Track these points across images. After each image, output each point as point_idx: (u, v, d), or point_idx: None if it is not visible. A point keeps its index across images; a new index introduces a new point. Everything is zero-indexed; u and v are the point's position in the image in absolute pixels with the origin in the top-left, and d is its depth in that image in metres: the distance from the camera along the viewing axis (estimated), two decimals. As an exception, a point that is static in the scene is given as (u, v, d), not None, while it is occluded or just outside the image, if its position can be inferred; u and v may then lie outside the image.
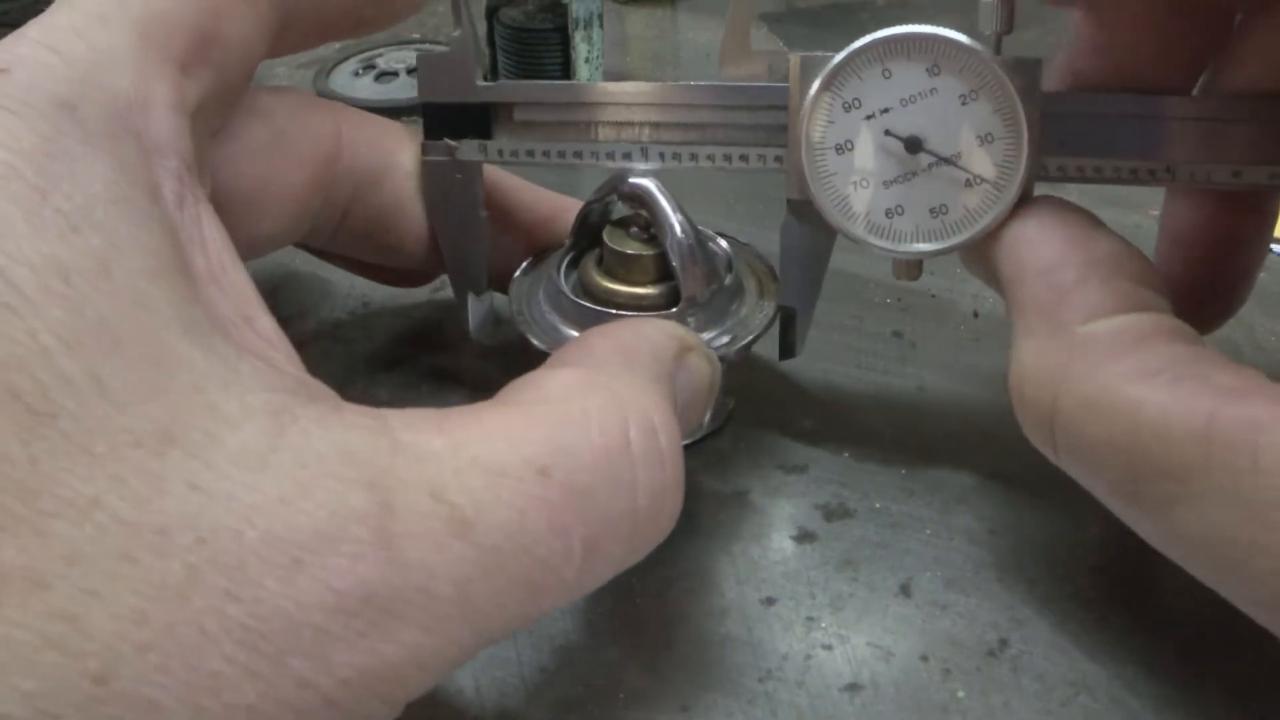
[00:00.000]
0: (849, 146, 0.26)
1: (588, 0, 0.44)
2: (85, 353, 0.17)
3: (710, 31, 0.54)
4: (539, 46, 0.45)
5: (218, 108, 0.23)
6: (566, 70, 0.45)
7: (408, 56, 0.50)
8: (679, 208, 0.28)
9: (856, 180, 0.26)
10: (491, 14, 0.46)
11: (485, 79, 0.28)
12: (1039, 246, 0.24)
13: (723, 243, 0.31)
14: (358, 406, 0.19)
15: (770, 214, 0.40)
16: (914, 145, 0.25)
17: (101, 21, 0.20)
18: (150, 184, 0.19)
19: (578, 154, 0.28)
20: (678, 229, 0.28)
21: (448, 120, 0.28)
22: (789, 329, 0.29)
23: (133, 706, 0.16)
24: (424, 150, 0.29)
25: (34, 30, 0.20)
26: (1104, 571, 0.26)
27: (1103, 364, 0.21)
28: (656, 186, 0.28)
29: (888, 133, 0.25)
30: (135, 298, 0.18)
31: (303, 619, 0.17)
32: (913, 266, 0.27)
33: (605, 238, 0.29)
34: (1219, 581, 0.20)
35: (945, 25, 0.25)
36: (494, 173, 0.30)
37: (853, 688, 0.24)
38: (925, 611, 0.25)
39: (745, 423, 0.31)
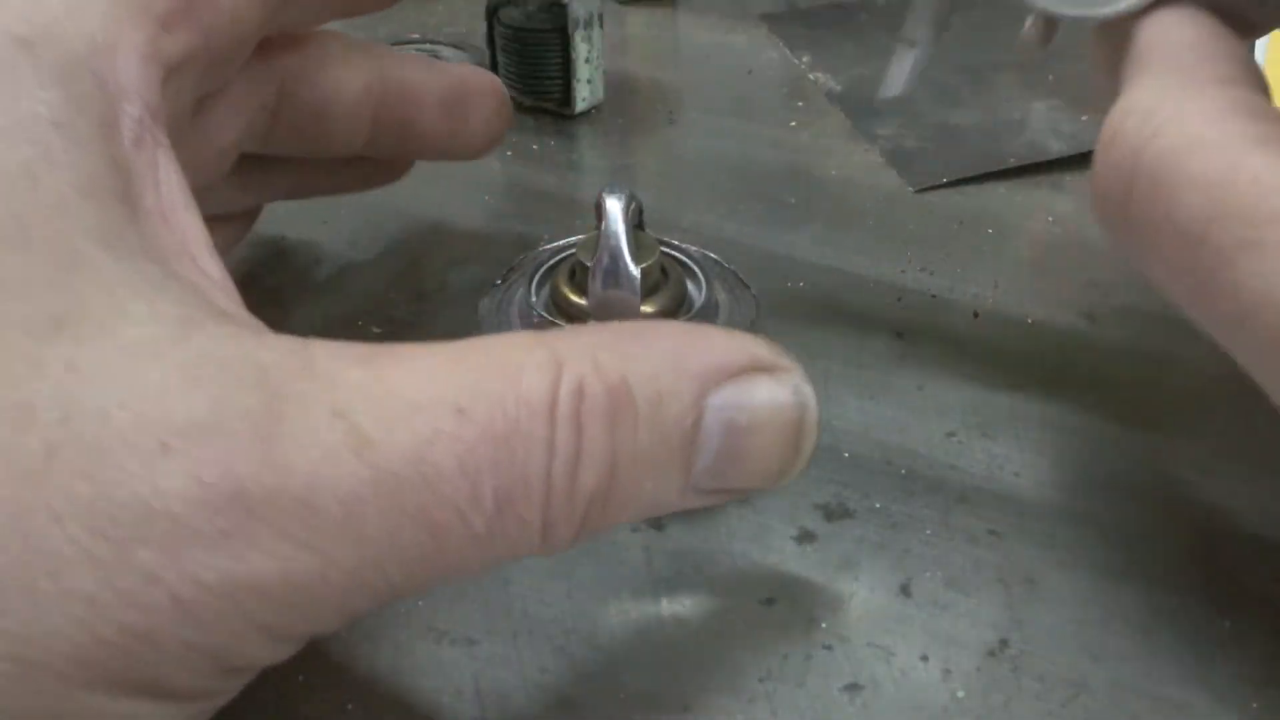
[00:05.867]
0: None
1: (588, 0, 0.44)
2: None
3: (710, 31, 0.54)
4: (539, 46, 0.45)
5: (207, 70, 0.24)
6: (566, 70, 0.45)
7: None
8: (628, 233, 0.26)
9: None
10: (491, 14, 0.46)
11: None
12: (1185, 26, 0.24)
13: (694, 262, 0.30)
14: (286, 336, 0.18)
15: (772, 214, 0.40)
16: None
17: None
18: (104, 120, 0.20)
19: None
20: (605, 256, 0.26)
21: None
22: (901, 65, 0.29)
23: None
24: None
25: None
26: (1104, 571, 0.26)
27: (1225, 115, 0.21)
28: (621, 206, 0.27)
29: None
30: (58, 207, 0.18)
31: (159, 507, 0.16)
32: (1047, 29, 0.27)
33: (578, 253, 0.28)
34: (1264, 348, 0.20)
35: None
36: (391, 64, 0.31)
37: (853, 688, 0.24)
38: (925, 611, 0.25)
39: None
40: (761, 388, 0.20)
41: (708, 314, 0.29)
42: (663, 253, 0.29)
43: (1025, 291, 0.36)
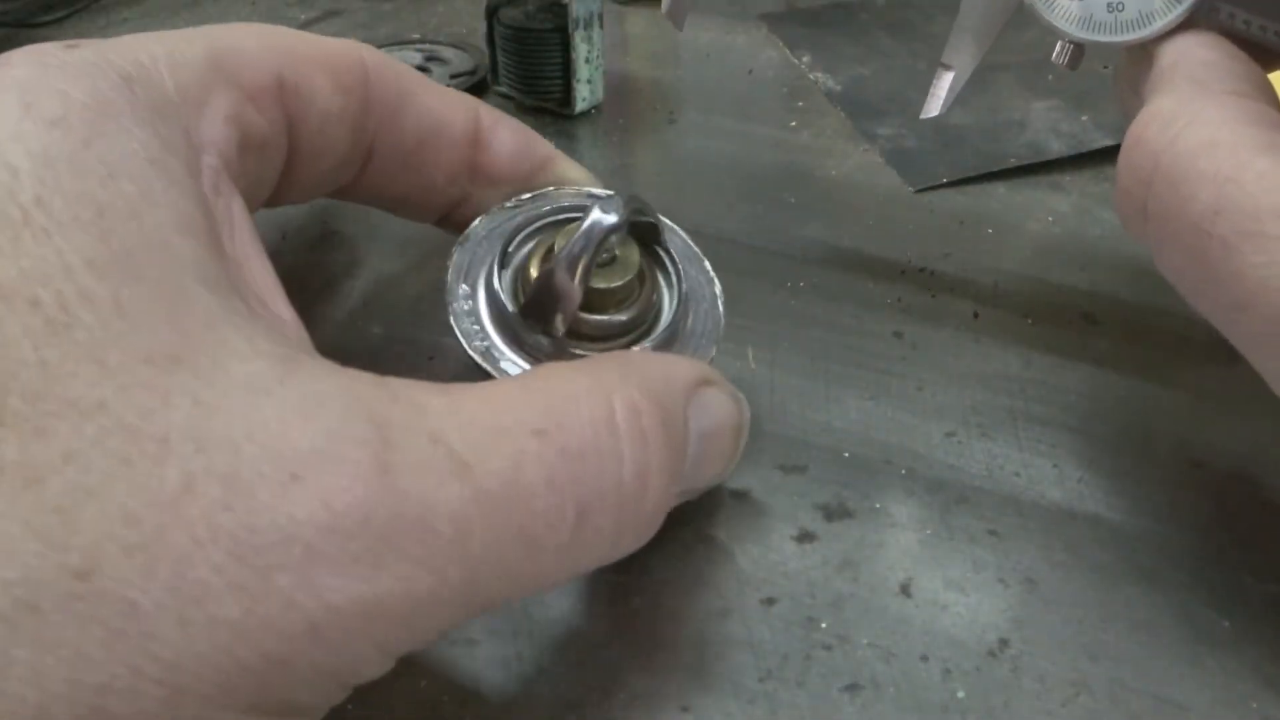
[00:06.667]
0: None
1: (588, 0, 0.44)
2: (107, 276, 0.17)
3: (710, 31, 0.54)
4: (539, 46, 0.45)
5: (282, 155, 0.25)
6: (566, 70, 0.45)
7: (409, 57, 0.50)
8: (590, 256, 0.25)
9: None
10: (491, 14, 0.46)
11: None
12: (1204, 48, 0.26)
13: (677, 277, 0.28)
14: (364, 371, 0.19)
15: (770, 214, 0.40)
16: None
17: (181, 40, 0.23)
18: (189, 162, 0.21)
19: None
20: (556, 275, 0.25)
21: None
22: (939, 87, 0.31)
23: (112, 606, 0.15)
24: None
25: (120, 38, 0.22)
26: (1104, 571, 0.26)
27: (1236, 122, 0.23)
28: (600, 227, 0.25)
29: None
30: (160, 243, 0.18)
31: (295, 534, 0.16)
32: (1075, 54, 0.29)
33: (557, 239, 0.27)
34: (1262, 332, 0.21)
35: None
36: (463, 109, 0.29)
37: (853, 688, 0.24)
38: (925, 611, 0.25)
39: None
40: (714, 398, 0.24)
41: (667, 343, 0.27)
42: (662, 257, 0.28)
43: (1025, 291, 0.36)
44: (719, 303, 0.28)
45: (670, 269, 0.28)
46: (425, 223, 0.31)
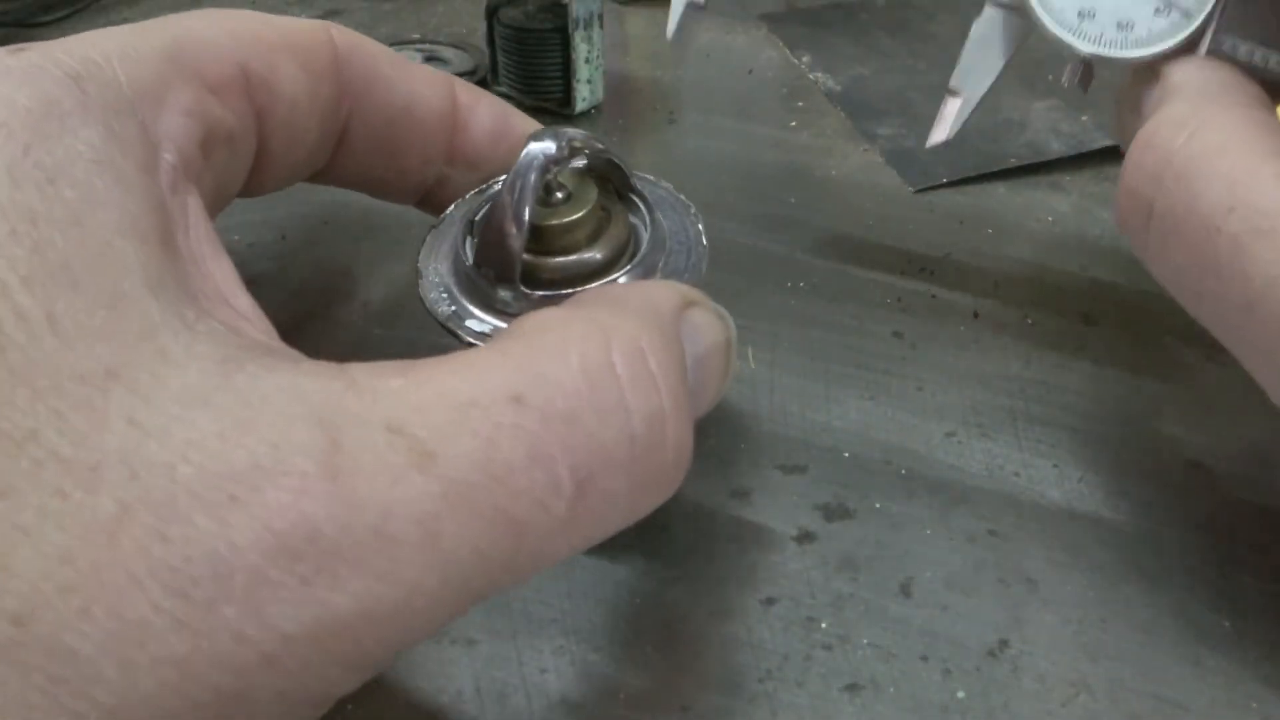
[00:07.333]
0: None
1: (588, 0, 0.44)
2: (43, 291, 0.17)
3: (711, 31, 0.54)
4: (539, 46, 0.45)
5: (252, 146, 0.25)
6: (566, 70, 0.45)
7: (409, 57, 0.50)
8: (531, 187, 0.24)
9: None
10: (491, 14, 0.46)
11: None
12: (1212, 69, 0.26)
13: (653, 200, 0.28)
14: (321, 361, 0.18)
15: (770, 215, 0.40)
16: None
17: (138, 33, 0.22)
18: (144, 162, 0.20)
19: None
20: (498, 210, 0.24)
21: None
22: (946, 113, 0.32)
23: (50, 653, 0.15)
24: None
25: (72, 36, 0.21)
26: (1104, 571, 0.26)
27: (1249, 128, 0.23)
28: (539, 155, 0.24)
29: None
30: (101, 248, 0.18)
31: (236, 562, 0.15)
32: (1086, 74, 0.29)
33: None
34: (1269, 333, 0.22)
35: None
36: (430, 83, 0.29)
37: (853, 688, 0.24)
38: (925, 611, 0.25)
39: (745, 422, 0.31)
40: (703, 318, 0.22)
41: (650, 263, 0.27)
42: (634, 195, 0.28)
43: (1025, 291, 0.36)
44: (703, 238, 0.28)
45: (643, 210, 0.28)
46: (405, 205, 0.31)
